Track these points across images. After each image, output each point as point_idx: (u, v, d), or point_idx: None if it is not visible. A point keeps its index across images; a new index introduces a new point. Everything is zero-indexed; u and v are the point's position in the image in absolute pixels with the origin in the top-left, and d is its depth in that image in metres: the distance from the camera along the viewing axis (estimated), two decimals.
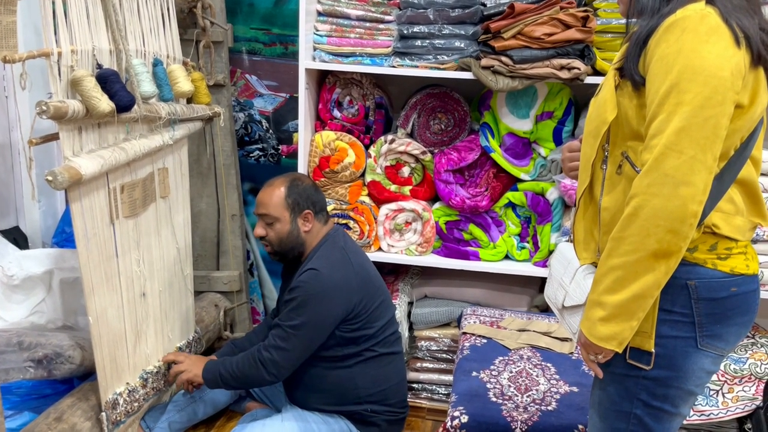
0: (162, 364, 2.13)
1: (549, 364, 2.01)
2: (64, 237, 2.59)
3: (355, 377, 1.95)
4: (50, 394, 2.02)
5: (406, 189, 2.45)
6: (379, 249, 2.47)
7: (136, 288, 1.99)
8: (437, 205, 2.46)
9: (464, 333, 2.23)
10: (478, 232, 2.43)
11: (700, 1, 1.10)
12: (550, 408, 1.79)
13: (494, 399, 1.83)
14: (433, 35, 2.24)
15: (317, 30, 2.33)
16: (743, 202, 1.20)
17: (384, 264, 2.49)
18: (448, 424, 1.76)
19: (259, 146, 2.85)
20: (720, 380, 2.16)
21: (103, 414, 1.85)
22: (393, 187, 2.44)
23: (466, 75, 2.22)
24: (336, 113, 2.47)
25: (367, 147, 2.45)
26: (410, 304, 2.49)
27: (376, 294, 1.98)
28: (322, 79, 2.49)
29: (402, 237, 2.46)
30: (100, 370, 1.83)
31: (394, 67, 2.30)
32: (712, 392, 2.16)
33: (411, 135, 2.46)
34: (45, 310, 2.24)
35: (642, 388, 1.22)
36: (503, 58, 2.15)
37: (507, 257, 2.45)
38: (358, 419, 1.98)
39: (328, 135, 2.41)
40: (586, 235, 1.32)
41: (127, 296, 1.94)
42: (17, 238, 2.56)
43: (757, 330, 2.31)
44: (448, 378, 2.41)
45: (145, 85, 1.85)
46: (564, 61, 2.12)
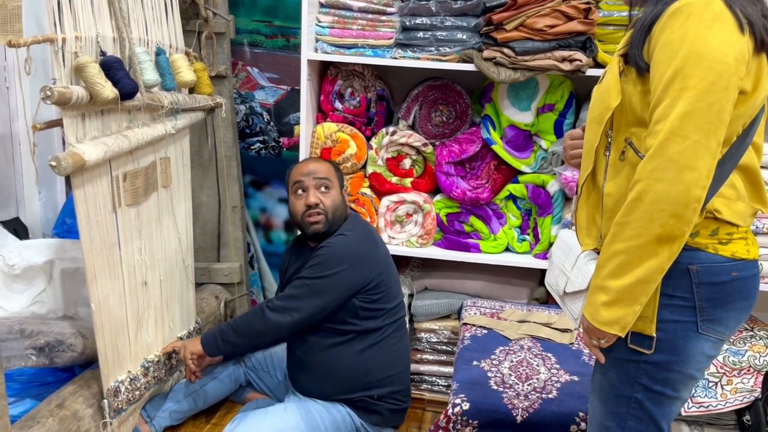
0: (162, 355, 2.13)
1: (549, 354, 2.02)
2: (64, 228, 2.59)
3: (367, 361, 1.96)
4: (52, 381, 2.02)
5: (408, 181, 2.46)
6: None
7: (138, 277, 2.00)
8: (438, 197, 2.47)
9: (465, 324, 2.24)
10: (478, 224, 2.44)
11: None
12: (551, 396, 1.80)
13: (495, 387, 1.84)
14: (435, 27, 2.24)
15: (319, 21, 2.34)
16: (744, 187, 1.21)
17: None
18: (450, 411, 1.77)
19: (260, 138, 2.85)
20: (719, 372, 2.16)
21: (105, 401, 1.86)
22: (394, 179, 2.45)
23: (468, 67, 2.22)
24: (338, 105, 2.48)
25: (368, 139, 2.46)
26: (411, 296, 2.49)
27: (393, 273, 2.05)
28: (324, 71, 2.49)
29: (403, 229, 2.47)
30: (102, 357, 1.83)
31: (396, 58, 2.30)
32: (711, 384, 2.17)
33: (412, 127, 2.47)
34: (46, 300, 2.24)
35: (643, 373, 1.22)
36: (505, 50, 2.15)
37: (507, 249, 2.45)
38: (362, 407, 1.98)
39: (329, 126, 2.41)
40: (588, 222, 1.32)
41: (128, 285, 1.94)
42: (17, 229, 2.56)
43: (755, 323, 2.32)
44: (449, 370, 2.41)
45: (148, 74, 1.86)
46: (566, 53, 2.13)
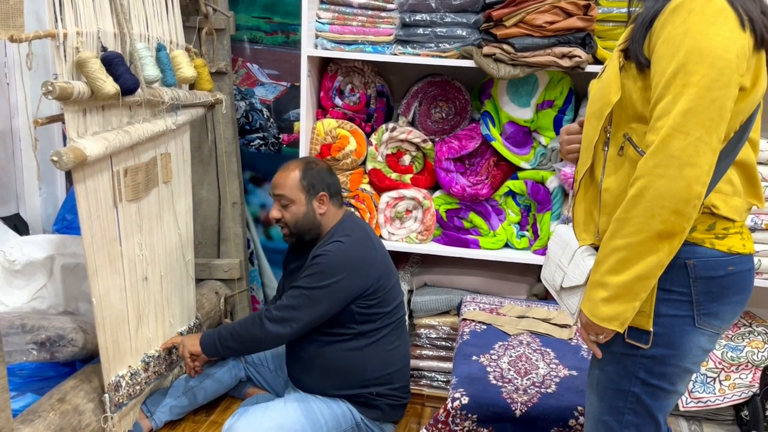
0: (162, 350, 2.14)
1: (548, 349, 2.03)
2: (65, 224, 2.59)
3: (364, 359, 1.97)
4: (53, 376, 2.03)
5: (407, 177, 2.46)
6: (380, 237, 2.48)
7: (139, 272, 2.01)
8: (438, 193, 2.48)
9: (464, 319, 2.25)
10: (478, 220, 2.44)
11: None
12: (549, 390, 1.80)
13: (494, 382, 1.85)
14: (434, 23, 2.25)
15: (319, 18, 2.34)
16: (741, 183, 1.22)
17: None
18: (449, 405, 1.78)
19: (260, 135, 2.85)
20: (717, 368, 2.18)
21: (106, 395, 1.87)
22: (394, 175, 2.46)
23: (468, 63, 2.23)
24: (337, 101, 2.48)
25: (368, 135, 2.47)
26: (410, 292, 2.50)
27: (392, 274, 2.04)
28: (324, 67, 2.50)
29: (402, 225, 2.48)
30: (103, 351, 1.84)
31: (395, 55, 2.31)
32: (709, 379, 2.18)
33: (412, 123, 2.47)
34: (46, 295, 2.25)
35: (640, 367, 1.23)
36: (505, 46, 2.16)
37: (507, 245, 2.46)
38: (362, 403, 1.99)
39: (329, 123, 2.42)
40: (585, 217, 1.33)
41: (129, 279, 1.95)
42: (18, 225, 2.56)
43: (754, 319, 2.33)
44: (448, 365, 2.42)
45: (148, 69, 1.86)
46: (565, 50, 2.13)
